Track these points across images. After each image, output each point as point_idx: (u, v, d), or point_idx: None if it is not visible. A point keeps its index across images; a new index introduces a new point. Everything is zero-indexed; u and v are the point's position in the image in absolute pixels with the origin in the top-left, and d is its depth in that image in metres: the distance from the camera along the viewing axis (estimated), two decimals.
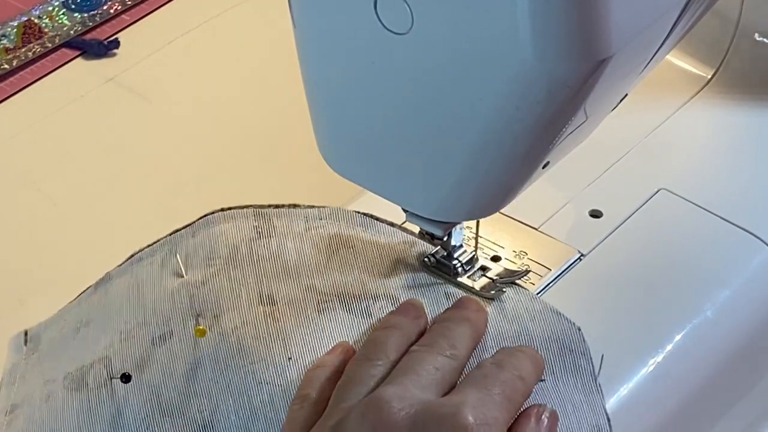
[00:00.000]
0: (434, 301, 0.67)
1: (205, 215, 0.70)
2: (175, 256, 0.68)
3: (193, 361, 0.63)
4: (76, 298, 0.69)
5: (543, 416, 0.59)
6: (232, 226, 0.69)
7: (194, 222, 0.70)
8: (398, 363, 0.60)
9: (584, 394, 0.62)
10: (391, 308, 0.66)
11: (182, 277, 0.67)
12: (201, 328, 0.64)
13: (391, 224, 0.71)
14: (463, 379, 0.60)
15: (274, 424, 0.61)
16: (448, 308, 0.65)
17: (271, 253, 0.68)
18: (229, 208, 0.70)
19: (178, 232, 0.70)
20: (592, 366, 0.64)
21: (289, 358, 0.63)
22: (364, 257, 0.69)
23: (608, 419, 0.62)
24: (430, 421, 0.55)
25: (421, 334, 0.63)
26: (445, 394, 0.58)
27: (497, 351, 0.63)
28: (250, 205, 0.70)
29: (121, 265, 0.70)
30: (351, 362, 0.61)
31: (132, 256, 0.70)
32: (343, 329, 0.65)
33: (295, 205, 0.71)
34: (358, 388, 0.59)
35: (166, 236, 0.70)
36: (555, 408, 0.60)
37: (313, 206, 0.71)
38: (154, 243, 0.70)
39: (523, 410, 0.60)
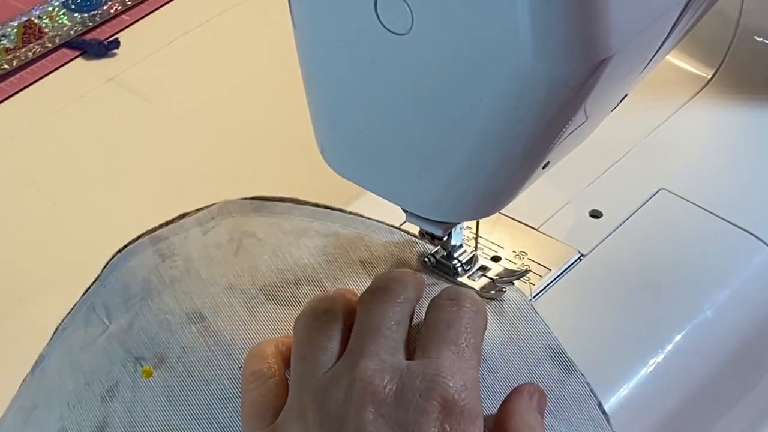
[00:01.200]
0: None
1: (106, 264, 0.68)
2: (94, 311, 0.66)
3: (150, 402, 0.62)
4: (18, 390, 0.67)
5: (534, 395, 0.60)
6: (136, 261, 0.67)
7: (99, 274, 0.68)
8: (354, 317, 0.60)
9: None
10: (316, 291, 0.65)
11: (107, 327, 0.65)
12: (146, 368, 0.62)
13: (281, 199, 0.69)
14: (426, 324, 0.60)
15: None
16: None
17: (181, 271, 0.66)
18: (124, 246, 0.68)
19: (88, 290, 0.68)
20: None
21: (240, 367, 0.62)
22: (269, 242, 0.67)
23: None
24: (415, 397, 0.56)
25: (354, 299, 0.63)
26: (408, 344, 0.59)
27: (444, 289, 0.62)
28: (142, 234, 0.68)
29: (49, 342, 0.67)
30: (302, 316, 0.60)
31: (56, 329, 0.68)
32: (278, 322, 0.64)
33: (183, 215, 0.69)
34: (321, 358, 0.58)
35: (79, 298, 0.68)
36: None
37: (200, 208, 0.69)
38: (72, 308, 0.68)
39: (515, 387, 0.61)
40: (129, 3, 0.99)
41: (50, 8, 0.97)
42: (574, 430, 0.61)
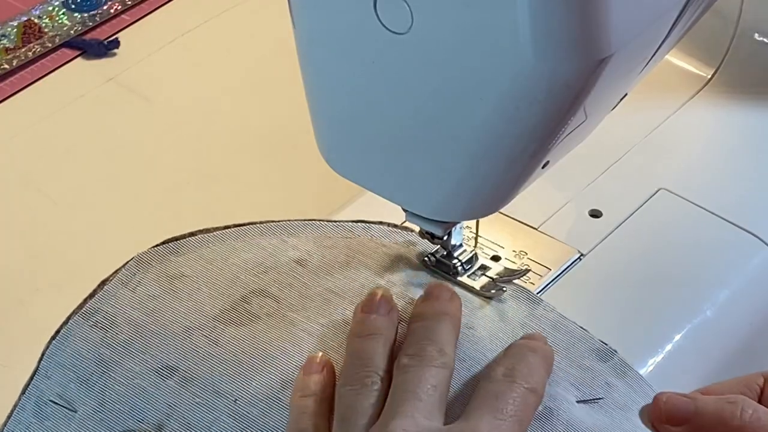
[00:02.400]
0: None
1: (42, 356, 0.66)
2: (48, 405, 0.64)
3: None
4: None
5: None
6: (77, 342, 0.65)
7: (37, 368, 0.65)
8: (391, 379, 0.60)
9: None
10: (266, 300, 0.65)
11: (74, 415, 0.64)
12: None
13: (191, 234, 0.70)
14: (474, 395, 0.59)
15: None
16: (420, 300, 0.64)
17: (129, 333, 0.65)
18: (56, 333, 0.66)
19: (27, 387, 0.65)
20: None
21: (236, 400, 0.62)
22: (199, 275, 0.67)
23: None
24: None
25: (396, 328, 0.63)
26: (448, 410, 0.58)
27: (507, 353, 0.62)
28: (69, 316, 0.67)
29: None
30: (341, 385, 0.60)
31: None
32: (244, 342, 0.64)
33: (102, 283, 0.68)
34: (361, 420, 0.58)
35: (19, 397, 0.65)
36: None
37: (115, 271, 0.68)
38: (12, 411, 0.65)
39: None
40: (129, 3, 0.99)
41: (50, 8, 0.97)
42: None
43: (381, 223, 0.71)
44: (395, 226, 0.71)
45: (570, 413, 0.61)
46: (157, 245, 0.69)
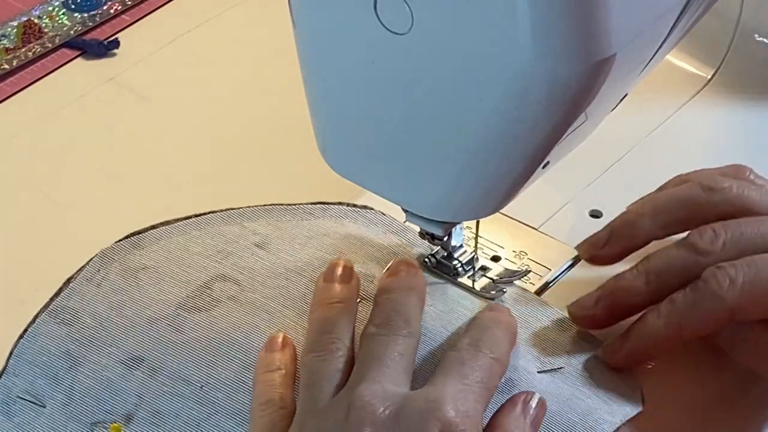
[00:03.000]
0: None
1: (9, 355, 0.67)
2: (17, 402, 0.65)
3: None
4: None
5: (530, 404, 0.60)
6: (44, 339, 0.67)
7: (5, 366, 0.66)
8: (357, 347, 0.61)
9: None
10: (227, 284, 0.66)
11: (43, 409, 0.64)
12: (115, 425, 0.63)
13: (153, 227, 0.71)
14: (440, 364, 0.60)
15: None
16: (386, 275, 0.65)
17: (94, 328, 0.66)
18: (24, 332, 0.67)
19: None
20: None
21: (202, 386, 0.63)
22: (162, 265, 0.69)
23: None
24: (414, 418, 0.56)
25: (357, 297, 0.64)
26: (414, 380, 0.59)
27: (472, 324, 0.63)
28: (37, 314, 0.68)
29: None
30: (306, 353, 0.61)
31: None
32: (209, 329, 0.65)
33: (68, 281, 0.69)
34: (326, 386, 0.59)
35: None
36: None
37: (80, 268, 0.70)
38: None
39: (511, 397, 0.61)
40: (129, 3, 0.99)
41: (50, 8, 0.97)
42: None
43: (340, 203, 0.73)
44: (354, 205, 0.72)
45: (530, 384, 0.62)
46: (119, 240, 0.71)
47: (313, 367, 0.61)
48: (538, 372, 0.63)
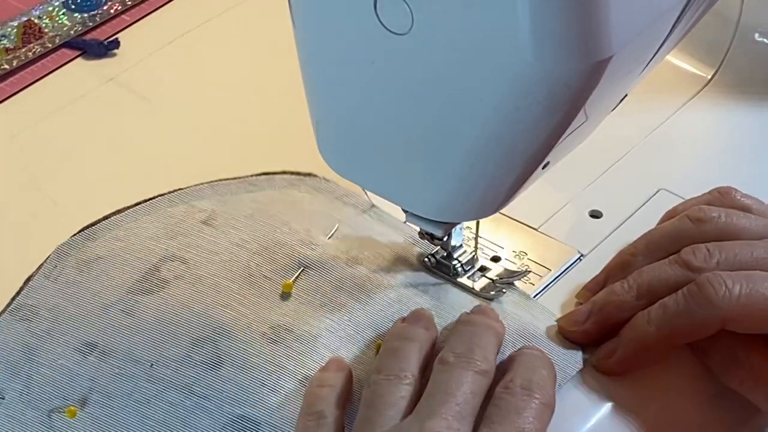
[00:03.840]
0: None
1: None
2: None
3: None
4: None
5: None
6: (4, 336, 0.68)
7: None
8: (421, 384, 0.60)
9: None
10: (176, 264, 0.67)
11: (2, 401, 0.66)
12: (71, 409, 0.64)
13: (105, 218, 0.72)
14: (493, 405, 0.59)
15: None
16: (467, 313, 0.65)
17: (50, 320, 0.68)
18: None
19: None
20: None
21: (151, 365, 0.64)
22: (113, 254, 0.70)
23: None
24: None
25: (433, 346, 0.63)
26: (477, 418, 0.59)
27: (518, 362, 0.62)
28: None
29: None
30: (374, 374, 0.61)
31: None
32: (160, 311, 0.66)
33: (28, 279, 0.71)
34: (389, 411, 0.59)
35: None
36: None
37: (39, 266, 0.71)
38: None
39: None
40: (129, 3, 0.98)
41: (50, 8, 0.97)
42: None
43: (284, 172, 0.74)
44: (298, 173, 0.73)
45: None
46: (74, 234, 0.72)
47: (379, 389, 0.60)
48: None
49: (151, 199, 0.73)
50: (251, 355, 0.63)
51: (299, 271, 0.67)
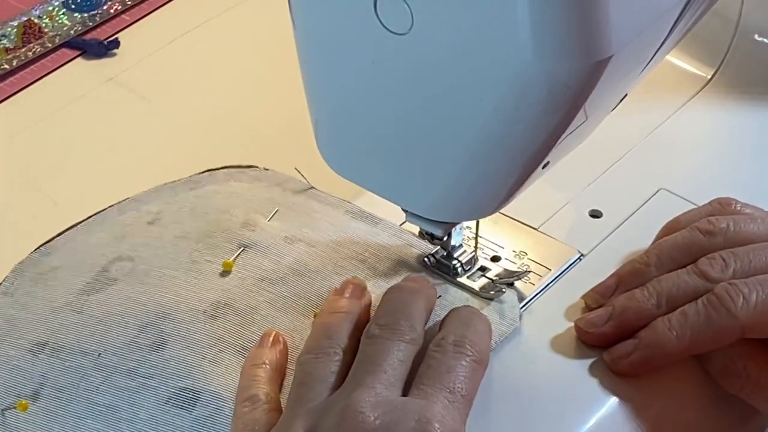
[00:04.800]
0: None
1: None
2: None
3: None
4: None
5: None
6: None
7: None
8: (353, 356, 0.61)
9: None
10: (124, 263, 0.69)
11: None
12: (22, 402, 0.65)
13: (61, 234, 0.74)
14: (425, 363, 0.60)
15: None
16: (397, 282, 0.65)
17: (4, 329, 0.69)
18: None
19: None
20: None
21: (99, 355, 0.65)
22: (65, 262, 0.71)
23: None
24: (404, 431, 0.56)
25: (367, 313, 0.64)
26: (407, 383, 0.59)
27: (452, 317, 0.63)
28: None
29: None
30: (303, 353, 0.62)
31: None
32: (109, 306, 0.67)
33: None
34: (319, 386, 0.59)
35: None
36: None
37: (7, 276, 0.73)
38: None
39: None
40: (129, 3, 0.98)
41: (50, 8, 0.97)
42: None
43: (226, 167, 0.76)
44: (239, 166, 0.75)
45: None
46: (32, 252, 0.74)
47: (308, 367, 0.61)
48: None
49: (101, 211, 0.75)
50: (192, 332, 0.65)
51: (239, 250, 0.68)
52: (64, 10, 0.97)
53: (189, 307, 0.66)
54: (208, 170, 0.76)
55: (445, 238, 0.68)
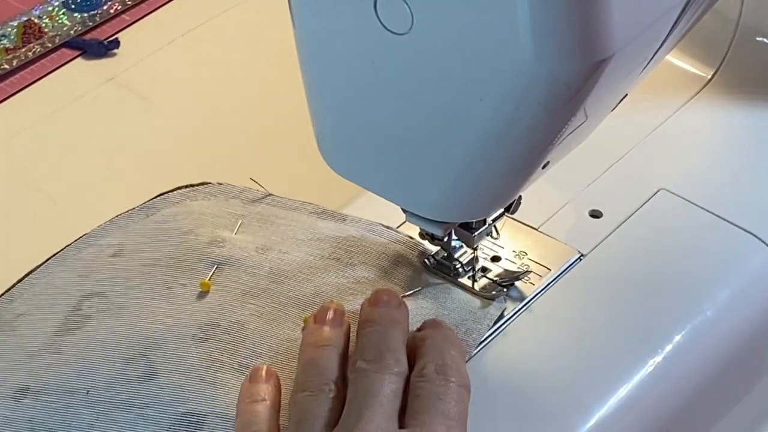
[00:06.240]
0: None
1: None
2: None
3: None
4: None
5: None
6: None
7: None
8: (344, 387, 0.61)
9: None
10: (100, 299, 0.68)
11: None
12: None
13: (33, 270, 0.73)
14: (414, 395, 0.60)
15: None
16: (367, 304, 0.65)
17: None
18: None
19: None
20: None
21: (88, 392, 0.64)
22: (36, 300, 0.70)
23: None
24: None
25: (348, 338, 0.64)
26: (401, 412, 0.60)
27: (427, 347, 0.63)
28: None
29: None
30: (296, 392, 0.61)
31: None
32: (84, 341, 0.66)
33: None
34: (318, 424, 0.59)
35: None
36: None
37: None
38: None
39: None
40: (129, 3, 0.99)
41: (50, 8, 0.97)
42: None
43: (177, 188, 0.75)
44: (191, 185, 0.75)
45: None
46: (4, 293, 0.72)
47: (304, 405, 0.60)
48: (402, 297, 0.66)
49: (58, 252, 0.74)
50: (184, 357, 0.64)
51: (213, 269, 0.68)
52: (64, 10, 0.97)
53: (175, 333, 0.65)
54: (160, 194, 0.75)
55: (445, 239, 0.68)
